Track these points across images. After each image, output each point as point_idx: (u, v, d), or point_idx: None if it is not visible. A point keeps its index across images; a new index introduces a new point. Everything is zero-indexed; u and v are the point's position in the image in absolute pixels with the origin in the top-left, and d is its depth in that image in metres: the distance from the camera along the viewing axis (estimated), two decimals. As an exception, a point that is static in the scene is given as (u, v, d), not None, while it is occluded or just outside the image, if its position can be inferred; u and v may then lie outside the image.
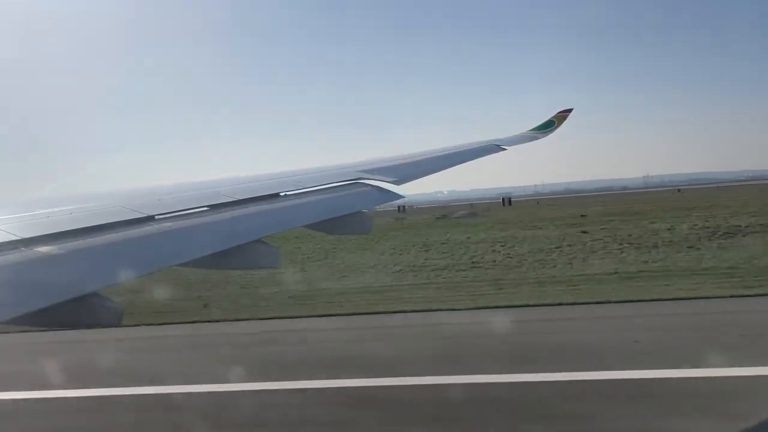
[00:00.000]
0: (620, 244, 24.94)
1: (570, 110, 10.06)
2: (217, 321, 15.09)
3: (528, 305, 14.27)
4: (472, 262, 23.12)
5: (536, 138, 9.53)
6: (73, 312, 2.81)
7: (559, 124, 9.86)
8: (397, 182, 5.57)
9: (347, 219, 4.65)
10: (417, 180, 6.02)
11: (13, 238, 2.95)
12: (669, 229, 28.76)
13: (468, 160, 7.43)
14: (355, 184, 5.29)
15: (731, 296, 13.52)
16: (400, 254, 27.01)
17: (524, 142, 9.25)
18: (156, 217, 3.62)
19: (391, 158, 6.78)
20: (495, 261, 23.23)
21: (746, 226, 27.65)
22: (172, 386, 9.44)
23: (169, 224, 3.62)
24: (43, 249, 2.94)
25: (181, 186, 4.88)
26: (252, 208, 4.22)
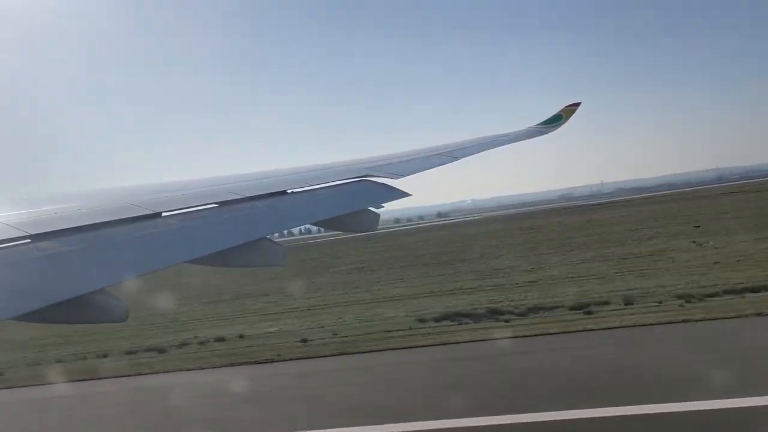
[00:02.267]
0: None
1: (578, 104, 9.68)
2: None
3: None
4: None
5: (543, 133, 9.31)
6: (80, 309, 2.82)
7: (567, 118, 9.49)
8: (402, 175, 5.56)
9: (354, 217, 4.65)
10: (422, 180, 5.98)
11: (21, 234, 2.95)
12: None
13: (476, 152, 7.35)
14: (361, 181, 5.28)
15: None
16: None
17: (531, 137, 9.05)
18: (163, 214, 3.62)
19: (397, 155, 6.75)
20: None
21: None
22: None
23: (175, 221, 3.62)
24: (51, 246, 2.94)
25: (188, 183, 4.88)
26: (259, 206, 4.21)
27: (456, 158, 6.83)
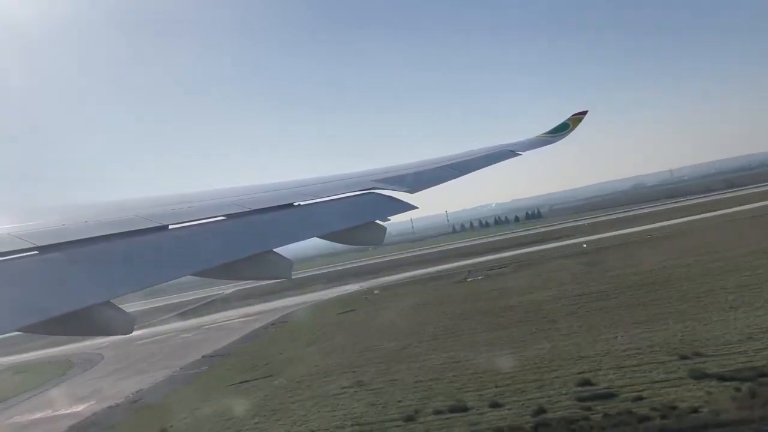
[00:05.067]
0: None
1: (585, 112, 9.74)
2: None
3: None
4: None
5: (550, 142, 9.21)
6: (86, 322, 2.80)
7: (574, 126, 9.51)
8: (411, 191, 5.51)
9: (361, 230, 4.61)
10: (430, 188, 5.95)
11: (28, 245, 2.95)
12: None
13: (482, 167, 7.30)
14: (368, 194, 5.24)
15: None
16: None
17: (538, 147, 8.98)
18: (170, 226, 3.61)
19: (404, 166, 6.71)
20: None
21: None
22: None
23: (182, 234, 3.61)
24: (58, 258, 2.94)
25: (195, 195, 4.87)
26: (266, 219, 4.19)
27: (463, 173, 6.82)
